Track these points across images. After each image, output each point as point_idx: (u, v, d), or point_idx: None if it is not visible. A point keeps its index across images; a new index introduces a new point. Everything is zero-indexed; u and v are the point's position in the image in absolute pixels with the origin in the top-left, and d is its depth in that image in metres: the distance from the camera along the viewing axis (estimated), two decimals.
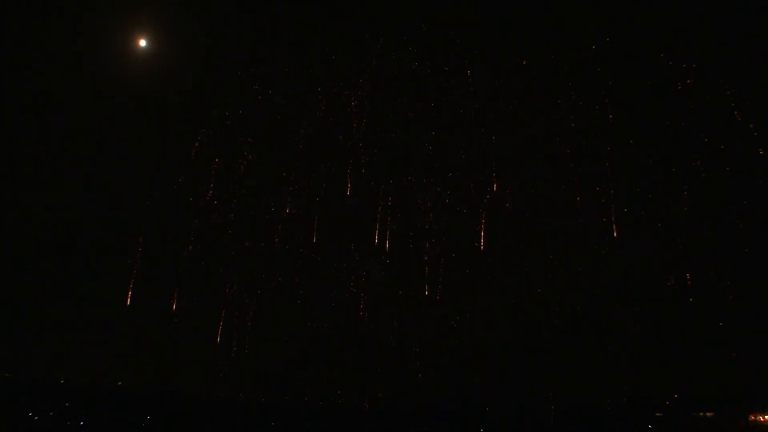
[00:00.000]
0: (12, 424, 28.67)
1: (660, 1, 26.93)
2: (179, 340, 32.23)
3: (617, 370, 29.58)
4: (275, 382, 32.08)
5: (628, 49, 27.76)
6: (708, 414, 31.05)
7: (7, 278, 31.51)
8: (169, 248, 32.64)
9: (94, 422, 29.62)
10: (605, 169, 29.00)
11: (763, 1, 25.45)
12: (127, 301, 30.29)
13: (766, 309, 27.12)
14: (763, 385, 28.40)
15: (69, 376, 32.14)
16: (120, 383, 32.15)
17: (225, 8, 30.17)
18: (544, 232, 30.80)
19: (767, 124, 25.28)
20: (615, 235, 28.61)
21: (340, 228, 33.03)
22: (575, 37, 28.16)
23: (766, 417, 30.39)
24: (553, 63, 28.60)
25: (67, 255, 32.49)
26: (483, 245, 30.41)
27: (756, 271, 26.86)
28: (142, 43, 28.71)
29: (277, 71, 31.09)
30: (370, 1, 29.60)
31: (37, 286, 31.85)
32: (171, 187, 32.04)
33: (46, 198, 31.75)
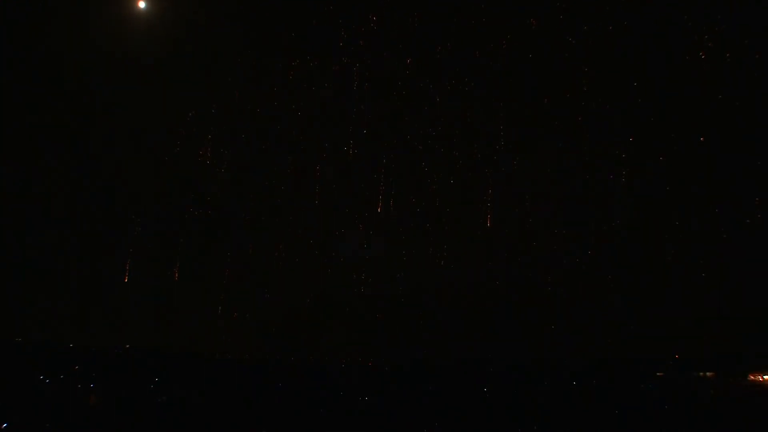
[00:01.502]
0: (23, 387, 29.24)
1: None
2: (182, 307, 32.93)
3: (618, 330, 29.86)
4: (279, 341, 32.61)
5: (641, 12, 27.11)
6: (708, 374, 31.37)
7: (14, 247, 31.77)
8: (168, 215, 32.86)
9: (105, 384, 30.17)
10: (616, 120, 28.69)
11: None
12: (125, 278, 30.90)
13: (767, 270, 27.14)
14: (763, 345, 28.56)
15: (78, 340, 32.77)
16: (128, 346, 32.78)
17: None
18: (550, 191, 30.71)
19: None
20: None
21: (342, 193, 33.10)
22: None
23: (766, 377, 30.65)
24: (562, 23, 28.05)
25: (72, 222, 32.66)
26: (490, 205, 30.48)
27: (761, 229, 26.80)
28: (141, 4, 28.29)
29: (278, 34, 30.70)
30: None
31: (46, 251, 32.14)
32: (168, 153, 32.07)
33: (43, 167, 31.61)
